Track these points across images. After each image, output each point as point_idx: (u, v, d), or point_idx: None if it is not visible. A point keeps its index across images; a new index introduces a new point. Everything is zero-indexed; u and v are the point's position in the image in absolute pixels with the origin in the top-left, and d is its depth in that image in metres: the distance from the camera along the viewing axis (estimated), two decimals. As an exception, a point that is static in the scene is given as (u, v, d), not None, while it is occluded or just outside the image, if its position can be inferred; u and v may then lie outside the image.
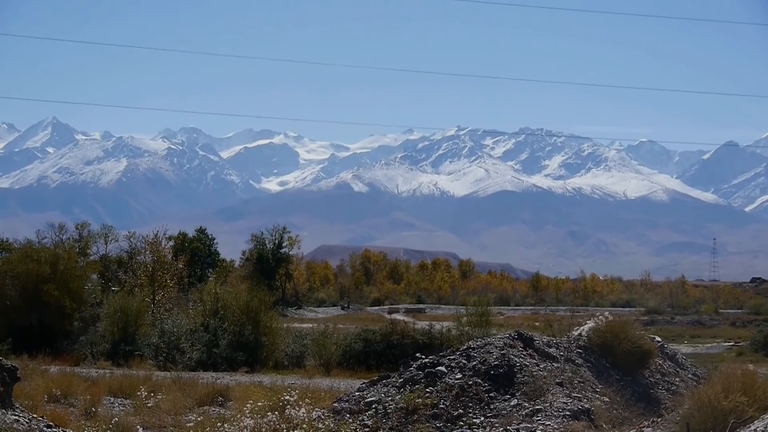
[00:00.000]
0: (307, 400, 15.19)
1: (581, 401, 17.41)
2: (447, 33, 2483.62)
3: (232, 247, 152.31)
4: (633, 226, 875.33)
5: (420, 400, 17.43)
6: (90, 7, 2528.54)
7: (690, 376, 21.93)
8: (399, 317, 72.05)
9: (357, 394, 18.85)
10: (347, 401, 18.53)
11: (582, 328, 21.62)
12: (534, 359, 19.05)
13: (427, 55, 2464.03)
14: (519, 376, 18.11)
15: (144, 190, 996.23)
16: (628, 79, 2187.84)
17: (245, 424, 14.19)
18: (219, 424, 14.66)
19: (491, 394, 17.68)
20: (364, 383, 19.83)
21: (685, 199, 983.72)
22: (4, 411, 16.50)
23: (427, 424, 16.82)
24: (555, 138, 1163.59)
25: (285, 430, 13.95)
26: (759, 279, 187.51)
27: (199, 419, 17.90)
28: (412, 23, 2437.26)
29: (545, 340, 20.78)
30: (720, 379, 14.79)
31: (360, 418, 17.34)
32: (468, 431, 16.52)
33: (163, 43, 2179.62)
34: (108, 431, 16.61)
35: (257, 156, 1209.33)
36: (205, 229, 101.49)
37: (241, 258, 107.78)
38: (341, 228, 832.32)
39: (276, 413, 14.31)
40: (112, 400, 24.25)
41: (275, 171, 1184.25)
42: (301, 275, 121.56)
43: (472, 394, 17.65)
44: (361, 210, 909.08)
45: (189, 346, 39.65)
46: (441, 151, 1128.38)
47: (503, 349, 18.95)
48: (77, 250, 66.23)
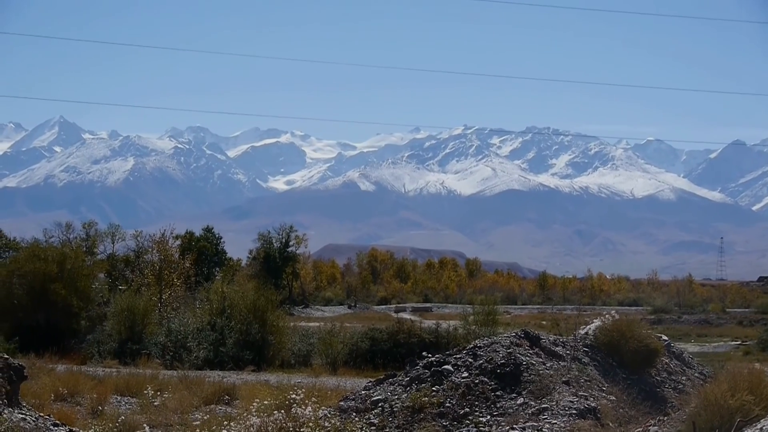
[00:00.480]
0: (314, 398, 15.22)
1: (588, 400, 17.40)
2: (454, 32, 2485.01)
3: (239, 246, 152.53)
4: (640, 225, 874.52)
5: (426, 398, 17.43)
6: (97, 6, 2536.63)
7: (697, 374, 21.92)
8: (406, 316, 72.14)
9: (363, 392, 18.85)
10: (354, 400, 18.53)
11: (589, 326, 21.61)
12: (540, 358, 19.05)
13: (434, 54, 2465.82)
14: (525, 374, 18.10)
15: (151, 189, 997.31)
16: (635, 78, 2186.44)
17: (252, 422, 14.21)
18: (225, 422, 14.68)
19: (497, 392, 17.67)
20: (370, 382, 19.82)
21: (693, 198, 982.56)
22: (11, 409, 16.53)
23: (434, 422, 16.82)
24: (562, 137, 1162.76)
25: (291, 428, 13.96)
26: (766, 278, 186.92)
27: (206, 418, 17.91)
28: (418, 22, 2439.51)
29: (552, 338, 20.77)
30: (727, 378, 14.78)
31: (366, 416, 17.34)
32: (474, 430, 16.52)
33: (170, 43, 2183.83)
34: (114, 430, 16.64)
35: (264, 155, 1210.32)
36: (212, 228, 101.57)
37: (248, 257, 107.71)
38: (348, 227, 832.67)
39: (282, 412, 14.33)
40: (118, 398, 24.32)
41: (282, 170, 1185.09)
42: (308, 274, 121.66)
43: (478, 392, 17.64)
44: (368, 209, 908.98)
45: (196, 344, 39.71)
46: (448, 150, 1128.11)
47: (510, 348, 18.94)
48: (84, 249, 66.37)
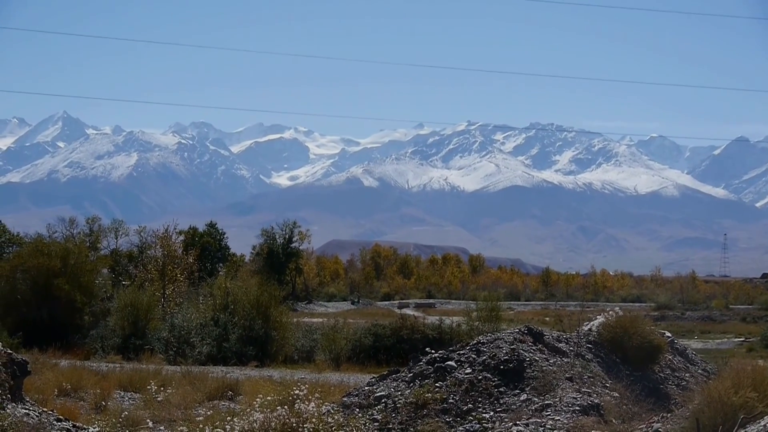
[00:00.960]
0: (317, 394, 15.19)
1: (591, 396, 17.38)
2: (457, 28, 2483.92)
3: (242, 242, 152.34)
4: (643, 221, 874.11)
5: (429, 394, 17.43)
6: (102, 1, 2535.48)
7: (700, 371, 21.91)
8: (409, 312, 72.02)
9: (366, 388, 18.85)
10: (357, 396, 18.54)
11: (592, 323, 21.60)
12: (544, 354, 19.03)
13: (438, 51, 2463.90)
14: (528, 371, 18.09)
15: (154, 184, 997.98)
16: (638, 75, 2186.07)
17: (255, 418, 14.20)
18: (229, 418, 14.66)
19: (501, 388, 17.67)
20: (373, 378, 19.82)
21: (696, 195, 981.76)
22: (14, 404, 16.55)
23: (437, 418, 16.82)
24: (565, 133, 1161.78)
25: (294, 424, 13.96)
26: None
27: (209, 413, 17.91)
28: (422, 19, 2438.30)
29: (555, 335, 20.75)
30: (730, 375, 14.78)
31: (369, 412, 17.33)
32: (477, 426, 16.51)
33: (174, 38, 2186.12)
34: (118, 425, 16.64)
35: (267, 150, 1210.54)
36: (216, 224, 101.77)
37: (252, 252, 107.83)
38: (351, 223, 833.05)
39: (285, 407, 14.32)
40: (122, 394, 24.32)
41: (285, 166, 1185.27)
42: (312, 270, 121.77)
43: (481, 388, 17.64)
44: (372, 205, 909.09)
45: (199, 340, 39.69)
46: (451, 146, 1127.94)
47: (513, 344, 18.93)
48: (88, 244, 66.36)
